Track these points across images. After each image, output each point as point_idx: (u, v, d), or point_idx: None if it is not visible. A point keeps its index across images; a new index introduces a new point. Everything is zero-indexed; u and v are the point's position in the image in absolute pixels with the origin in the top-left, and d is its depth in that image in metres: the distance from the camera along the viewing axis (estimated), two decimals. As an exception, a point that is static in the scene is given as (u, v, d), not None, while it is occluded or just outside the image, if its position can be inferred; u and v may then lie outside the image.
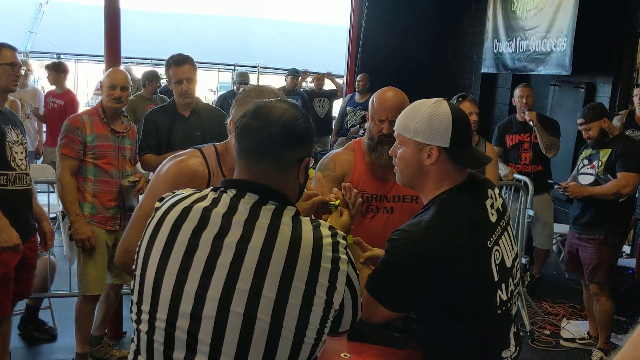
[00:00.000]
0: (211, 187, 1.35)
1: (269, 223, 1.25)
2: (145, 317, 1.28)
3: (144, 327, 1.28)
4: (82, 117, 3.19)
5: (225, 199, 1.29)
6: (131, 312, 1.33)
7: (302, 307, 1.20)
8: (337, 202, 1.68)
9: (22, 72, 3.00)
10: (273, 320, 1.19)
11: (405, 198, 2.29)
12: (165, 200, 1.36)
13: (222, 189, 1.32)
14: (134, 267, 1.34)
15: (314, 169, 1.98)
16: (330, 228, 1.29)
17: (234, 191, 1.30)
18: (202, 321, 1.20)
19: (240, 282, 1.20)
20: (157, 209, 1.35)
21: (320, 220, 1.31)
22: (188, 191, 1.36)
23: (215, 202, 1.29)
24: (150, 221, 1.34)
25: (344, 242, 1.29)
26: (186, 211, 1.29)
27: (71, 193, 3.11)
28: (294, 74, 7.51)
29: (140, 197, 2.20)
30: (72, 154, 3.11)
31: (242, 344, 1.19)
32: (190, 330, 1.21)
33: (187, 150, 1.89)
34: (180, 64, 3.29)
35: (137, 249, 1.35)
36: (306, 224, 1.28)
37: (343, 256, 1.27)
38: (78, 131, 3.12)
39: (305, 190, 1.65)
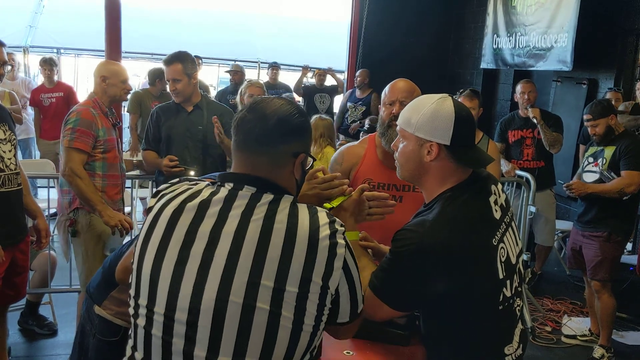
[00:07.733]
0: (207, 182, 1.35)
1: (266, 213, 1.25)
2: (143, 311, 1.27)
3: (141, 321, 1.28)
4: (92, 111, 3.05)
5: (223, 192, 1.29)
6: (129, 306, 1.32)
7: (299, 294, 1.21)
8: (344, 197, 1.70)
9: (6, 70, 2.81)
10: (272, 309, 1.19)
11: (415, 187, 2.28)
12: (162, 194, 1.35)
13: (219, 182, 1.32)
14: (132, 261, 1.33)
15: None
16: (328, 215, 1.30)
17: (231, 184, 1.30)
18: (201, 313, 1.20)
19: (238, 272, 1.20)
20: (154, 204, 1.34)
21: (318, 208, 1.32)
22: (185, 186, 1.35)
23: (212, 195, 1.29)
24: (148, 216, 1.34)
25: (342, 228, 1.29)
26: (183, 205, 1.29)
27: (90, 184, 2.99)
28: (274, 65, 7.50)
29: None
30: (86, 148, 2.99)
31: (241, 333, 1.19)
32: (189, 322, 1.21)
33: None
34: (169, 63, 3.33)
35: (134, 245, 1.34)
36: (303, 210, 1.28)
37: (340, 241, 1.27)
38: (93, 125, 3.01)
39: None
